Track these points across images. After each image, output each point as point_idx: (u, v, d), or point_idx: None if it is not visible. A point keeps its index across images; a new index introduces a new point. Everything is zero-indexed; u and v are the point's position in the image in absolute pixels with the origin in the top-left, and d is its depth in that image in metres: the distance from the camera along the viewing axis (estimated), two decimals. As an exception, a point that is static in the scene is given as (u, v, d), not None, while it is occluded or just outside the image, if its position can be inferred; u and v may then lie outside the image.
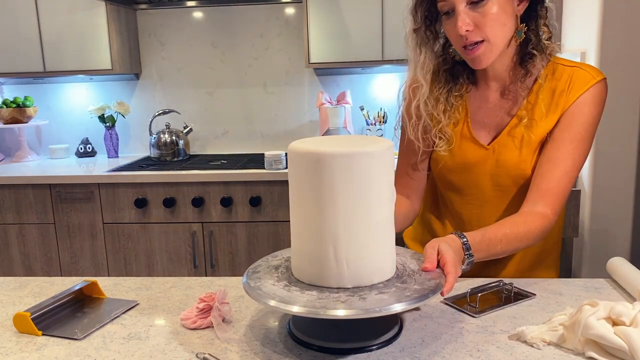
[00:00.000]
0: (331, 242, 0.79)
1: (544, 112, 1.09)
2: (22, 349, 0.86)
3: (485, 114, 1.16)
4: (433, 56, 1.14)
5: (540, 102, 1.10)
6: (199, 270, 2.46)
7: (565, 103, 1.09)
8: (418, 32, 1.13)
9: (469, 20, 1.02)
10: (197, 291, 1.07)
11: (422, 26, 1.12)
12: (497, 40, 1.05)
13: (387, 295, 0.76)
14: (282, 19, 2.83)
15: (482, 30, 1.03)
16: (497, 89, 1.16)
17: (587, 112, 1.08)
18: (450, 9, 1.04)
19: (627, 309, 0.78)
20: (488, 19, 1.02)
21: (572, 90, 1.09)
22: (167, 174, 2.40)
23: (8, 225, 2.50)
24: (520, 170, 1.12)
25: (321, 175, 0.77)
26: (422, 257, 0.91)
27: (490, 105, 1.16)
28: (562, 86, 1.09)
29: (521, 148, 1.11)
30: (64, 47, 2.63)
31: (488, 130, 1.16)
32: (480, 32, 1.03)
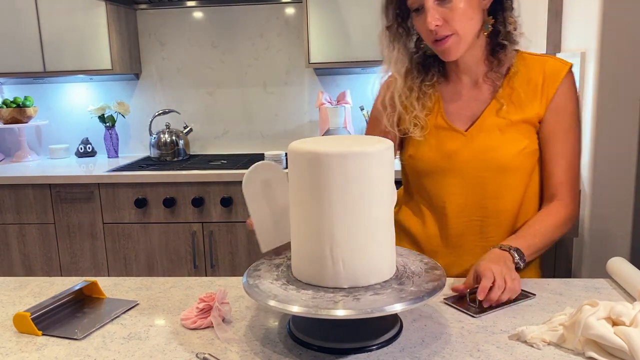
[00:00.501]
0: (328, 241, 0.79)
1: (522, 97, 1.14)
2: (22, 349, 0.86)
3: (459, 106, 1.19)
4: (406, 52, 1.18)
5: (517, 88, 1.14)
6: (199, 270, 2.46)
7: (546, 93, 1.13)
8: (390, 30, 1.16)
9: (438, 16, 1.06)
10: (197, 291, 1.07)
11: (394, 24, 1.15)
12: (466, 33, 1.09)
13: (383, 296, 0.76)
14: (282, 19, 2.83)
15: (451, 24, 1.07)
16: (469, 82, 1.19)
17: (570, 102, 1.14)
18: (420, 5, 1.08)
19: (627, 309, 0.78)
20: (456, 14, 1.06)
21: (548, 80, 1.13)
22: (167, 174, 2.40)
23: (8, 225, 2.50)
24: (502, 151, 1.13)
25: (320, 175, 0.77)
26: (426, 259, 0.91)
27: (464, 98, 1.19)
28: (536, 76, 1.14)
29: (502, 132, 1.14)
30: (64, 47, 2.63)
31: (463, 120, 1.18)
32: (449, 27, 1.07)
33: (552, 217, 1.13)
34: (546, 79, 1.13)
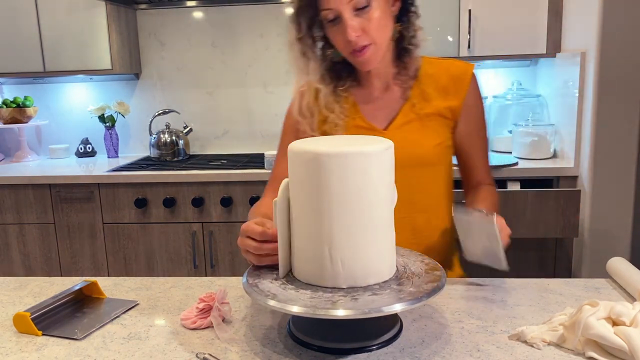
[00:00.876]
0: (327, 241, 0.79)
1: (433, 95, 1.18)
2: (22, 349, 0.86)
3: (375, 107, 1.21)
4: (318, 61, 1.19)
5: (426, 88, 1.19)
6: (199, 270, 2.46)
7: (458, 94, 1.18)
8: (302, 40, 1.16)
9: (357, 26, 1.06)
10: (197, 291, 1.07)
11: (305, 34, 1.16)
12: (382, 42, 1.11)
13: (382, 297, 0.76)
14: (282, 19, 2.83)
15: (369, 34, 1.07)
16: (380, 86, 1.21)
17: (478, 101, 1.22)
18: (336, 16, 1.07)
19: (627, 309, 0.78)
20: (373, 23, 1.07)
21: (457, 81, 1.19)
22: (167, 174, 2.40)
23: (8, 225, 2.50)
24: (422, 145, 1.16)
25: (320, 175, 0.77)
26: (427, 259, 0.91)
27: (378, 101, 1.21)
28: (444, 77, 1.19)
29: (419, 127, 1.17)
30: (64, 47, 2.64)
31: (380, 120, 1.20)
32: (367, 37, 1.07)
33: (495, 196, 1.24)
34: (455, 80, 1.18)
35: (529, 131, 2.41)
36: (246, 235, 0.89)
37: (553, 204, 2.11)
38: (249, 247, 0.88)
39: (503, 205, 2.10)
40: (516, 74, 2.72)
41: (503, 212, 2.16)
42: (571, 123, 2.25)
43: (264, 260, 0.88)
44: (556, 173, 2.24)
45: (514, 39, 2.39)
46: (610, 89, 2.07)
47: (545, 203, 2.11)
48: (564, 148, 2.35)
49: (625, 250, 2.16)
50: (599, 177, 2.13)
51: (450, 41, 2.42)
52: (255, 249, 0.87)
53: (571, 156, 2.25)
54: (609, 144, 2.10)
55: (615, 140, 2.10)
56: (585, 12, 2.14)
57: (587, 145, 2.15)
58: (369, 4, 1.06)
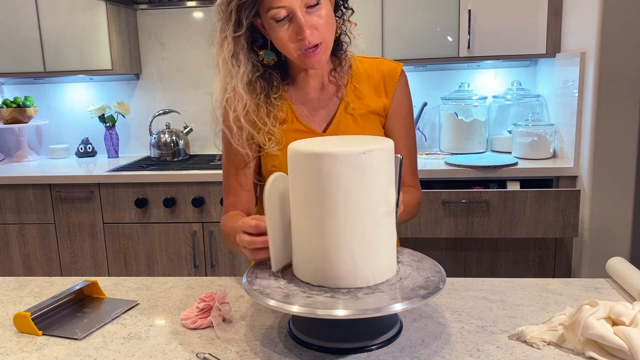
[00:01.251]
0: (328, 241, 0.79)
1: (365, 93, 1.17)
2: (22, 349, 0.86)
3: (311, 109, 1.18)
4: (249, 64, 1.11)
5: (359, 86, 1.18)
6: (199, 270, 2.46)
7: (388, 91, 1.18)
8: (238, 40, 1.09)
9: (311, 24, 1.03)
10: (197, 291, 1.07)
11: (244, 33, 1.08)
12: (330, 40, 1.09)
13: (383, 296, 0.76)
14: (282, 19, 2.82)
15: (321, 31, 1.05)
16: (316, 85, 1.19)
17: (407, 99, 1.21)
18: (288, 14, 1.03)
19: (627, 309, 0.78)
20: (324, 22, 1.05)
21: (388, 79, 1.18)
22: (167, 174, 2.40)
23: (8, 225, 2.50)
24: None
25: (320, 175, 0.77)
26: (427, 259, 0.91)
27: (314, 100, 1.19)
28: (375, 74, 1.19)
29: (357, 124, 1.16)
30: (64, 47, 2.64)
31: (318, 121, 1.18)
32: (319, 35, 1.05)
33: (414, 196, 1.18)
34: (385, 78, 1.18)
35: (528, 131, 2.41)
36: (242, 230, 0.89)
37: (553, 204, 2.11)
38: (244, 242, 0.88)
39: (503, 205, 2.12)
40: (516, 74, 2.72)
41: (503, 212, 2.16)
42: (571, 123, 2.25)
43: (259, 254, 0.88)
44: (556, 173, 2.24)
45: (513, 39, 2.39)
46: (610, 89, 2.07)
47: (545, 203, 2.11)
48: (564, 148, 2.35)
49: (625, 250, 2.16)
50: (598, 177, 2.13)
51: (450, 41, 2.42)
52: (249, 243, 0.87)
53: (571, 156, 2.25)
54: (608, 144, 2.10)
55: (615, 140, 2.10)
56: (585, 12, 2.14)
57: (587, 145, 2.15)
58: (318, 2, 1.04)
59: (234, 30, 1.08)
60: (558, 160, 2.36)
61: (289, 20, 1.04)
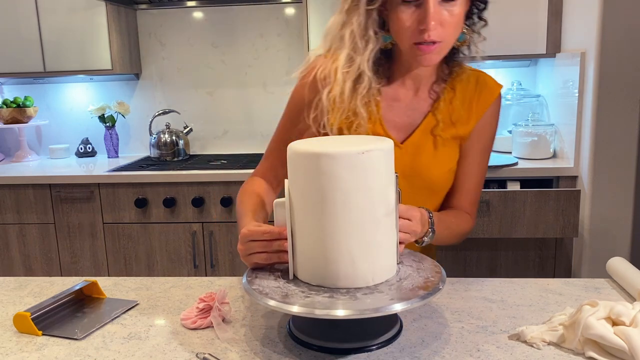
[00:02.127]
0: (328, 241, 0.79)
1: (458, 113, 1.09)
2: (22, 349, 0.86)
3: (396, 113, 1.09)
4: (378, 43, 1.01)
5: (454, 102, 1.09)
6: (199, 270, 2.46)
7: (477, 112, 1.10)
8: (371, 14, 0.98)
9: (439, 17, 0.93)
10: (197, 291, 1.07)
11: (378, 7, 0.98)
12: (450, 43, 0.99)
13: (383, 296, 0.76)
14: (282, 19, 2.83)
15: (445, 30, 0.95)
16: (412, 87, 1.10)
17: (493, 124, 1.13)
18: None
19: (627, 309, 0.78)
20: (453, 20, 0.95)
21: (482, 97, 1.10)
22: (167, 174, 2.40)
23: (8, 225, 2.50)
24: (434, 170, 1.09)
25: (323, 176, 0.77)
26: (427, 259, 0.91)
27: (402, 105, 1.10)
28: (472, 90, 1.10)
29: (436, 148, 1.09)
30: (64, 47, 2.64)
31: (398, 129, 1.09)
32: (442, 32, 0.95)
33: (464, 223, 1.12)
34: (480, 97, 1.10)
35: (528, 131, 2.41)
36: (249, 239, 0.86)
37: (553, 204, 2.11)
38: (256, 249, 0.86)
39: (503, 205, 2.12)
40: (516, 74, 2.72)
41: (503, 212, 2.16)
42: (571, 123, 2.25)
43: (272, 258, 0.85)
44: (556, 173, 2.24)
45: (513, 39, 2.39)
46: (610, 89, 2.07)
47: (545, 203, 2.11)
48: (564, 148, 2.35)
49: (625, 250, 2.16)
50: (599, 177, 2.13)
51: (450, 41, 2.42)
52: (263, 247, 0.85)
53: (571, 156, 2.25)
54: (608, 144, 2.10)
55: (615, 140, 2.10)
56: (585, 12, 2.14)
57: (587, 145, 2.15)
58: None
59: (368, 2, 0.97)
60: (558, 160, 2.36)
61: (418, 4, 0.94)
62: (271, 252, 0.85)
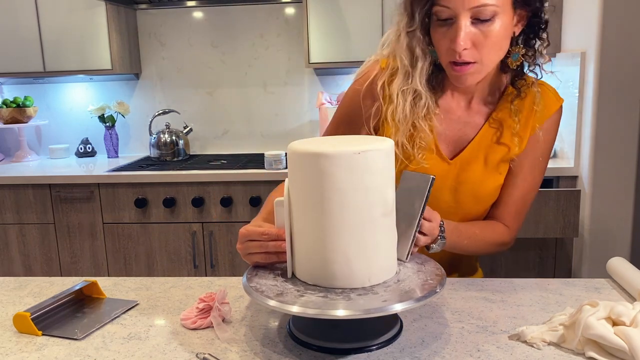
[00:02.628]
0: (327, 242, 0.79)
1: (511, 131, 1.07)
2: (22, 349, 0.86)
3: (447, 126, 1.09)
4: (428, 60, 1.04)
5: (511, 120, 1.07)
6: (199, 270, 2.46)
7: (531, 126, 1.07)
8: (414, 35, 1.02)
9: (469, 38, 0.94)
10: (197, 291, 1.07)
11: (418, 27, 1.00)
12: (490, 64, 0.99)
13: (383, 296, 0.76)
14: (282, 19, 2.83)
15: (480, 51, 0.95)
16: (464, 101, 1.10)
17: (549, 139, 1.10)
18: (451, 17, 0.94)
19: (627, 309, 0.78)
20: (489, 41, 0.94)
21: (540, 112, 1.07)
22: (167, 174, 2.40)
23: (8, 225, 2.50)
24: (482, 187, 1.08)
25: (320, 176, 0.77)
26: (427, 259, 0.91)
27: (454, 118, 1.09)
28: (529, 104, 1.07)
29: (486, 164, 1.08)
30: (64, 47, 2.64)
31: (448, 142, 1.10)
32: (476, 53, 0.95)
33: (494, 234, 1.10)
34: (537, 112, 1.07)
35: (529, 131, 2.41)
36: (247, 239, 0.88)
37: (553, 204, 2.11)
38: (253, 249, 0.87)
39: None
40: (516, 74, 2.72)
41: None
42: (571, 123, 2.25)
43: (271, 258, 0.87)
44: (556, 173, 2.24)
45: (514, 39, 2.38)
46: (610, 89, 2.07)
47: (545, 203, 2.11)
48: (564, 148, 2.35)
49: (625, 250, 2.16)
50: (599, 177, 2.13)
51: (450, 41, 2.42)
52: (260, 247, 0.86)
53: (571, 156, 2.25)
54: (609, 144, 2.10)
55: (615, 140, 2.10)
56: (585, 12, 2.14)
57: (587, 145, 2.15)
58: (492, 19, 0.93)
59: (407, 25, 1.01)
60: (558, 160, 2.36)
61: (451, 23, 0.95)
62: (269, 252, 0.86)
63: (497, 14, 0.93)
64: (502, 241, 1.12)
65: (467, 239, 1.05)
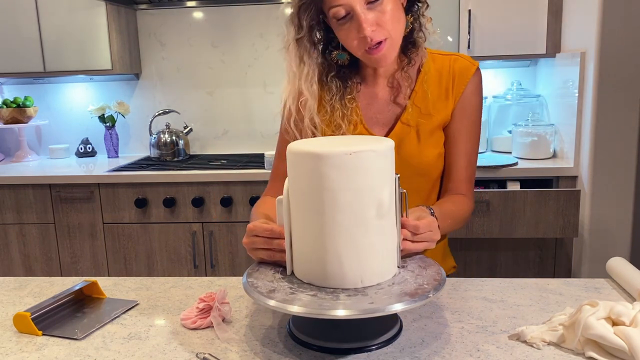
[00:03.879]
0: (327, 242, 0.79)
1: (434, 100, 1.13)
2: (22, 349, 0.86)
3: (376, 110, 1.16)
4: (315, 65, 1.11)
5: (428, 89, 1.13)
6: (199, 270, 2.46)
7: (455, 93, 1.13)
8: (301, 42, 1.09)
9: (372, 20, 1.00)
10: (197, 291, 1.07)
11: (305, 35, 1.08)
12: (397, 36, 1.05)
13: (383, 296, 0.76)
14: (282, 19, 2.82)
15: (384, 28, 1.02)
16: (385, 83, 1.16)
17: (475, 101, 1.15)
18: (348, 12, 1.01)
19: (627, 309, 0.78)
20: (387, 16, 1.01)
21: (457, 79, 1.13)
22: (167, 174, 2.40)
23: (8, 225, 2.50)
24: (420, 158, 1.12)
25: (314, 175, 0.77)
26: (426, 259, 0.91)
27: (380, 101, 1.16)
28: (446, 74, 1.13)
29: (419, 137, 1.12)
30: (64, 47, 2.64)
31: (381, 125, 1.15)
32: (382, 31, 1.02)
33: (463, 206, 1.13)
34: (455, 79, 1.13)
35: (528, 131, 2.41)
36: (253, 234, 0.89)
37: (553, 204, 2.11)
38: (258, 244, 0.89)
39: (503, 205, 2.12)
40: (516, 74, 2.72)
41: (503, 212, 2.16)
42: (571, 123, 2.25)
43: (275, 256, 0.88)
44: (556, 173, 2.24)
45: (513, 39, 2.39)
46: (610, 89, 2.07)
47: (545, 203, 2.11)
48: (564, 148, 2.35)
49: (625, 250, 2.16)
50: (598, 177, 2.13)
51: (450, 41, 2.42)
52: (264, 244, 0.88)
53: (571, 156, 2.25)
54: (608, 144, 2.10)
55: (615, 140, 2.10)
56: (585, 12, 2.14)
57: (587, 145, 2.15)
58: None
59: (296, 33, 1.09)
60: (558, 160, 2.36)
61: (350, 18, 1.01)
62: (273, 249, 0.88)
63: None
64: (469, 210, 1.16)
65: (450, 218, 1.07)
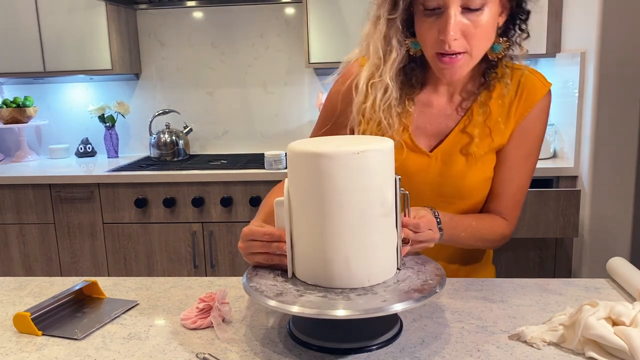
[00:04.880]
0: (330, 242, 0.79)
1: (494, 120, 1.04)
2: (22, 349, 0.86)
3: (427, 120, 1.07)
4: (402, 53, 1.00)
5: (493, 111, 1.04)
6: (199, 270, 2.46)
7: (518, 114, 1.04)
8: (393, 23, 0.97)
9: (460, 27, 0.92)
10: (197, 291, 1.07)
11: (400, 15, 0.97)
12: (478, 55, 0.97)
13: (383, 296, 0.76)
14: (282, 19, 2.83)
15: (469, 41, 0.93)
16: (445, 94, 1.08)
17: (539, 127, 1.06)
18: (440, 6, 0.91)
19: (627, 309, 0.78)
20: (479, 31, 0.92)
21: (524, 100, 1.04)
22: (167, 174, 2.40)
23: (8, 225, 2.50)
24: (465, 180, 1.05)
25: (320, 176, 0.77)
26: (427, 259, 0.91)
27: (434, 111, 1.07)
28: (512, 92, 1.04)
29: (467, 156, 1.05)
30: (64, 47, 2.64)
31: (429, 136, 1.07)
32: (465, 43, 0.93)
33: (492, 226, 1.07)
34: (522, 98, 1.04)
35: (529, 131, 2.40)
36: (250, 238, 0.87)
37: (553, 204, 2.11)
38: (256, 248, 0.86)
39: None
40: (516, 74, 2.72)
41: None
42: (571, 123, 2.25)
43: (274, 260, 0.86)
44: (556, 173, 2.24)
45: (513, 39, 2.38)
46: (610, 89, 2.07)
47: (545, 203, 2.11)
48: (564, 148, 2.35)
49: (625, 250, 2.16)
50: (599, 177, 2.13)
51: (450, 41, 2.42)
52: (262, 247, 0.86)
53: (571, 156, 2.25)
54: (609, 144, 2.10)
55: (615, 140, 2.10)
56: (585, 12, 2.14)
57: (587, 145, 2.15)
58: (482, 8, 0.91)
59: (389, 12, 0.97)
60: (558, 160, 2.36)
61: (439, 14, 0.92)
62: (271, 253, 0.86)
63: (487, 3, 0.92)
64: (502, 233, 1.08)
65: (464, 230, 1.02)
